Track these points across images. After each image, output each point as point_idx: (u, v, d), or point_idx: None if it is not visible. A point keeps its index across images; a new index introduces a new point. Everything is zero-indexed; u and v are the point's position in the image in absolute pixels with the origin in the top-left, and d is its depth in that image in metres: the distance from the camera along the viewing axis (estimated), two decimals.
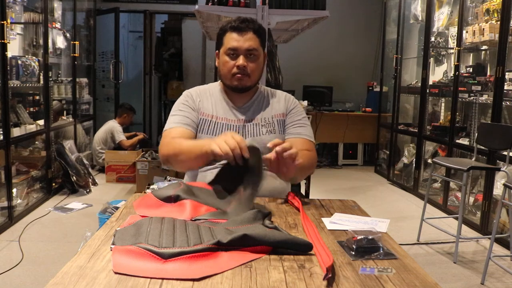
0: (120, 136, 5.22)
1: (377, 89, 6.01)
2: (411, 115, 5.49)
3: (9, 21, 3.22)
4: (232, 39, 1.57)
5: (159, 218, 1.09)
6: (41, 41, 4.12)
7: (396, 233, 3.40)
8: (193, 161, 1.44)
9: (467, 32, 3.91)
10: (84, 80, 5.47)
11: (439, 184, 4.43)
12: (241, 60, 1.56)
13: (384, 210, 4.20)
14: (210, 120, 1.63)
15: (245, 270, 0.89)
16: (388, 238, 1.11)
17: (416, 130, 4.75)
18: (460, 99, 3.96)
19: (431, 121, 4.71)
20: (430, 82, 4.60)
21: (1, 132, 3.23)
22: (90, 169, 4.75)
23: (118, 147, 5.19)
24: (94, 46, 5.94)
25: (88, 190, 4.38)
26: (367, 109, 6.18)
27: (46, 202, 3.98)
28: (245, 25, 1.58)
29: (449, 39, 4.60)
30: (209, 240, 0.96)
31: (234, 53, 1.57)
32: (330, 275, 0.85)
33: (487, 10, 3.67)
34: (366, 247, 1.00)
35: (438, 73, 4.84)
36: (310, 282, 0.84)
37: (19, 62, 3.59)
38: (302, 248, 0.98)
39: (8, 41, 3.15)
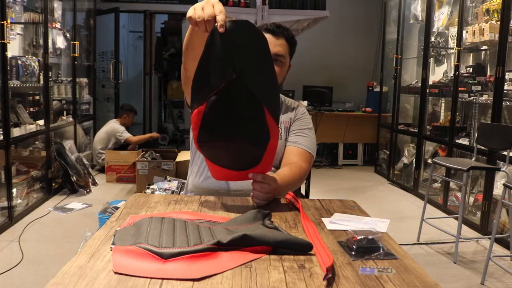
0: (124, 135, 5.21)
1: (377, 89, 6.01)
2: (411, 115, 5.49)
3: (9, 21, 3.22)
4: None
5: (159, 218, 1.09)
6: (41, 41, 4.12)
7: (396, 233, 3.40)
8: (194, 42, 1.34)
9: (467, 32, 3.91)
10: (84, 80, 5.47)
11: (439, 184, 4.43)
12: None
13: (384, 210, 4.20)
14: None
15: (245, 270, 0.89)
16: (388, 238, 1.10)
17: (416, 130, 4.75)
18: (460, 99, 3.96)
19: (431, 121, 4.71)
20: (430, 82, 4.60)
21: (1, 132, 3.23)
22: (90, 169, 4.75)
23: (122, 146, 5.18)
24: (94, 46, 5.93)
25: (88, 190, 4.38)
26: (367, 109, 6.18)
27: (46, 202, 3.98)
28: (280, 31, 1.58)
29: (449, 39, 4.60)
30: (209, 240, 0.96)
31: None
32: (330, 275, 0.85)
33: (487, 10, 3.67)
34: (366, 247, 0.99)
35: (438, 73, 4.84)
36: (310, 282, 0.84)
37: (19, 62, 3.59)
38: (302, 248, 0.98)
39: (8, 41, 3.15)
